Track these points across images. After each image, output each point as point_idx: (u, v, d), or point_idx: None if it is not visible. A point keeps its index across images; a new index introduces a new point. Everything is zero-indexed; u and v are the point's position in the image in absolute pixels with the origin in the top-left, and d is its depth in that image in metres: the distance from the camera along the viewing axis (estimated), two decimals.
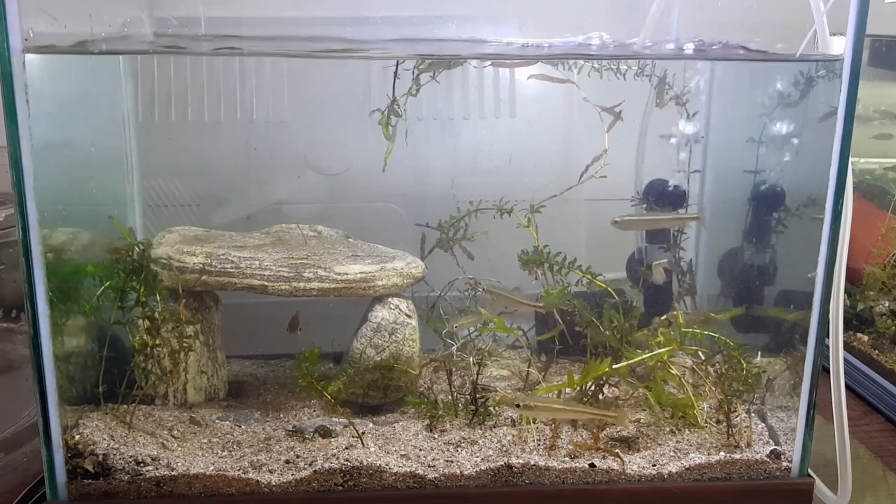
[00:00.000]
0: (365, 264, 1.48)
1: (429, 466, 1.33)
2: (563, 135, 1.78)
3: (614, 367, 1.39)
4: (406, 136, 1.58)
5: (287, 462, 1.33)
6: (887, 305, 1.94)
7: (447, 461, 1.34)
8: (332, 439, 1.39)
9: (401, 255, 1.55)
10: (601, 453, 1.35)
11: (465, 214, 1.66)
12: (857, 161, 1.99)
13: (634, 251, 1.80)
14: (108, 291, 1.37)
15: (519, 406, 1.31)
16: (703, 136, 1.76)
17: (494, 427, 1.43)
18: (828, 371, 1.30)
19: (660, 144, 1.76)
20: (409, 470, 1.31)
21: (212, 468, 1.30)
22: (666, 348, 1.43)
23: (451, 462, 1.34)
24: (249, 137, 1.73)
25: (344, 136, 1.73)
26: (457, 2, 1.49)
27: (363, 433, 1.39)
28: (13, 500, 1.32)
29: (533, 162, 1.71)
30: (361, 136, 1.69)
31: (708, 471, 1.35)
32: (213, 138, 1.75)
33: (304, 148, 1.73)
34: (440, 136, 1.76)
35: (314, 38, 1.50)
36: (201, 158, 1.75)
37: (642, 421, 1.46)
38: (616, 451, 1.35)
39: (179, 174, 1.72)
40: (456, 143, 1.79)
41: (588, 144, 1.61)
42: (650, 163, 1.77)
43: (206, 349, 1.51)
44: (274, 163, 1.72)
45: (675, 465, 1.34)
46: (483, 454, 1.35)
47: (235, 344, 1.63)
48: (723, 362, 1.44)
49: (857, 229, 1.29)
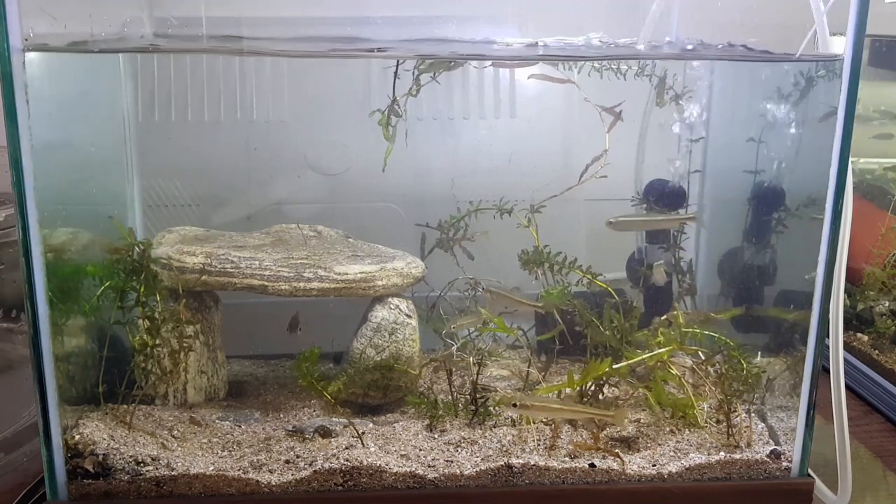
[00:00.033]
0: (365, 264, 1.49)
1: (429, 466, 1.33)
2: (563, 135, 1.78)
3: (614, 367, 1.39)
4: (406, 136, 1.58)
5: (287, 462, 1.33)
6: (887, 305, 1.94)
7: (447, 461, 1.34)
8: (332, 439, 1.39)
9: (401, 255, 1.55)
10: (601, 453, 1.35)
11: (465, 214, 1.67)
12: (856, 161, 1.99)
13: (634, 251, 1.80)
14: (108, 291, 1.37)
15: (515, 406, 1.31)
16: (703, 137, 1.76)
17: (494, 427, 1.43)
18: (828, 371, 1.30)
19: (660, 140, 1.75)
20: (409, 470, 1.31)
21: (212, 468, 1.30)
22: (666, 348, 1.44)
23: (451, 462, 1.34)
24: (249, 137, 1.73)
25: (344, 136, 1.73)
26: (457, 2, 1.49)
27: (363, 433, 1.39)
28: (13, 500, 1.32)
29: (533, 162, 1.71)
30: (361, 136, 1.69)
31: (708, 471, 1.35)
32: (213, 138, 1.75)
33: (304, 148, 1.73)
34: (440, 136, 1.76)
35: (314, 38, 1.50)
36: (201, 158, 1.75)
37: (642, 421, 1.46)
38: (616, 451, 1.35)
39: (179, 174, 1.72)
40: (456, 143, 1.79)
41: (588, 144, 1.61)
42: (650, 163, 1.77)
43: (206, 349, 1.51)
44: (274, 163, 1.72)
45: (675, 465, 1.34)
46: (483, 454, 1.35)
47: (235, 344, 1.63)
48: (723, 362, 1.44)
49: (857, 229, 1.29)
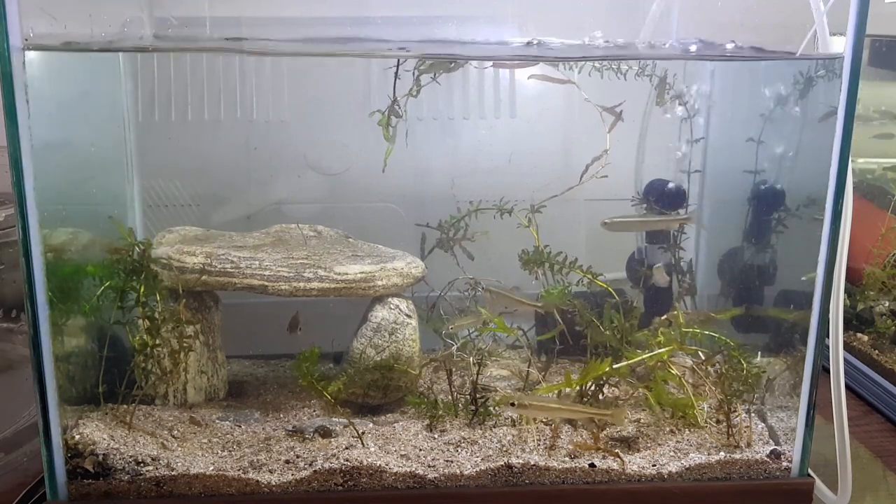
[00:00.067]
0: (365, 264, 1.49)
1: (429, 466, 1.33)
2: (563, 135, 1.78)
3: (614, 367, 1.39)
4: (406, 136, 1.58)
5: (287, 462, 1.33)
6: (887, 305, 1.94)
7: (447, 461, 1.34)
8: (332, 439, 1.39)
9: (401, 255, 1.55)
10: (602, 453, 1.35)
11: (466, 214, 1.67)
12: (856, 161, 1.99)
13: (634, 251, 1.80)
14: (108, 291, 1.37)
15: (514, 405, 1.31)
16: (703, 137, 1.76)
17: (494, 427, 1.43)
18: (828, 371, 1.30)
19: (660, 140, 1.75)
20: (409, 470, 1.31)
21: (212, 468, 1.30)
22: (666, 348, 1.43)
23: (451, 462, 1.34)
24: (249, 137, 1.73)
25: (344, 136, 1.73)
26: (457, 2, 1.49)
27: (363, 433, 1.39)
28: (13, 500, 1.32)
29: (533, 162, 1.71)
30: (361, 136, 1.69)
31: (708, 471, 1.35)
32: (213, 138, 1.75)
33: (304, 148, 1.73)
34: (440, 136, 1.76)
35: (314, 39, 1.50)
36: (201, 158, 1.75)
37: (642, 421, 1.46)
38: (616, 451, 1.35)
39: (179, 174, 1.72)
40: (456, 143, 1.79)
41: (588, 144, 1.61)
42: (650, 163, 1.77)
43: (206, 349, 1.51)
44: (274, 163, 1.72)
45: (675, 465, 1.34)
46: (483, 454, 1.35)
47: (235, 344, 1.63)
48: (723, 362, 1.44)
49: (857, 229, 1.29)
